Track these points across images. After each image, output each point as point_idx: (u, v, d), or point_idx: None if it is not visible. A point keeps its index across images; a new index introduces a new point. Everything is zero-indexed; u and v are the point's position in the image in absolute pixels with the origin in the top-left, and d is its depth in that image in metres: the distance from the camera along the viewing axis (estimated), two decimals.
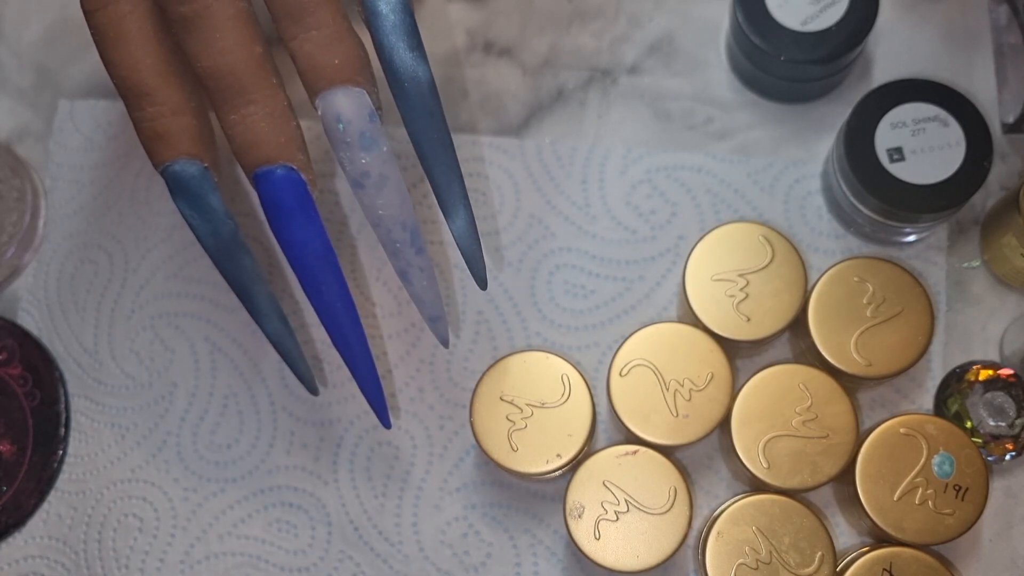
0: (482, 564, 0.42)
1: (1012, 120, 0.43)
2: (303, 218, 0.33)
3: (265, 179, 0.33)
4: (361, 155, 0.33)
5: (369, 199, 0.34)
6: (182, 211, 0.34)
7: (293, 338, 0.37)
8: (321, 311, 0.35)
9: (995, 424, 0.40)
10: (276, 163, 0.33)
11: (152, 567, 0.43)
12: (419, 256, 0.35)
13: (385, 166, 0.33)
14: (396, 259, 0.35)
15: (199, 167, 0.34)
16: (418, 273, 0.35)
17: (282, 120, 0.33)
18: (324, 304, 0.34)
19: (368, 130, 0.33)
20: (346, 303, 0.35)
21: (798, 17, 0.41)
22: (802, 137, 0.45)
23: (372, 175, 0.33)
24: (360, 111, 0.33)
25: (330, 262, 0.34)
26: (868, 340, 0.39)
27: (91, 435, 0.45)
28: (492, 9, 0.47)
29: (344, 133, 0.33)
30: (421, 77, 0.33)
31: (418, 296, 0.36)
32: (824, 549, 0.38)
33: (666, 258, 0.44)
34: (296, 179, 0.33)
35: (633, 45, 0.46)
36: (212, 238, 0.34)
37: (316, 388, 0.39)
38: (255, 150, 0.33)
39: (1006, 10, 0.44)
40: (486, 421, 0.39)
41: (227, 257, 0.35)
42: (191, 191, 0.34)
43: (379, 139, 0.33)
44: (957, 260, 0.43)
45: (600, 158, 0.45)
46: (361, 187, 0.33)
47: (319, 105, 0.33)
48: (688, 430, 0.39)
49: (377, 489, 0.43)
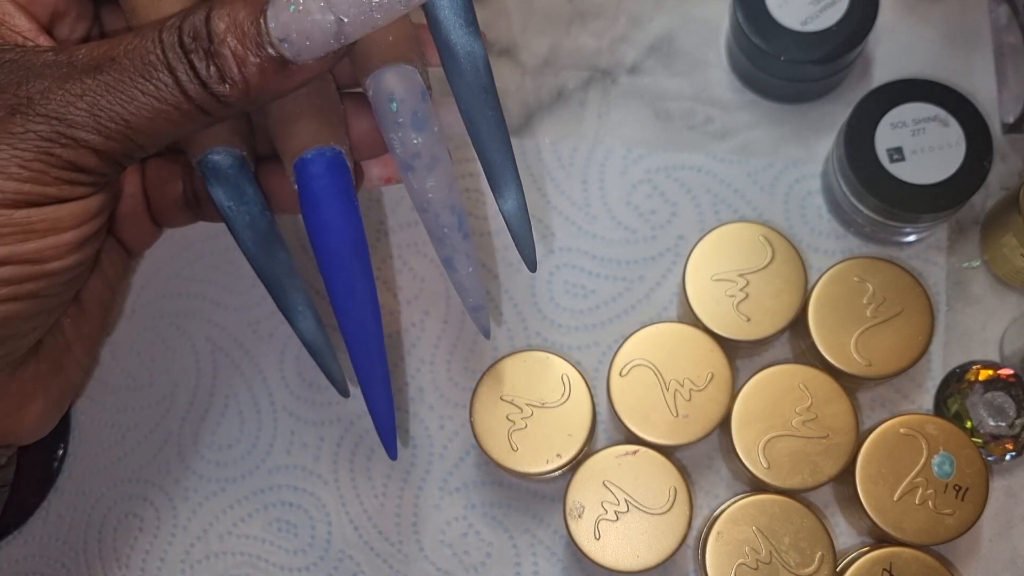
0: (482, 564, 0.42)
1: (1012, 120, 0.43)
2: (347, 204, 0.32)
3: (314, 162, 0.32)
4: (413, 135, 0.32)
5: (419, 182, 0.32)
6: (219, 202, 0.34)
7: (326, 338, 0.36)
8: (345, 314, 0.33)
9: (995, 424, 0.40)
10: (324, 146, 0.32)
11: (152, 567, 0.43)
12: (465, 241, 0.34)
13: (436, 147, 0.32)
14: (442, 246, 0.34)
15: (238, 154, 0.34)
16: (464, 259, 0.34)
17: (331, 103, 0.33)
18: (351, 306, 0.33)
19: (421, 109, 0.32)
20: (373, 309, 0.34)
21: (798, 17, 0.41)
22: (802, 137, 0.45)
23: (423, 156, 0.32)
24: (413, 90, 0.32)
25: (365, 257, 0.33)
26: (868, 340, 0.39)
27: (91, 435, 0.45)
28: (492, 9, 0.47)
29: (397, 113, 0.32)
30: (477, 53, 0.32)
31: (462, 284, 0.35)
32: (824, 549, 0.38)
33: (666, 258, 0.44)
34: (344, 162, 0.33)
35: (633, 45, 0.46)
36: (249, 230, 0.34)
37: (347, 390, 0.38)
38: (301, 135, 0.32)
39: (1006, 10, 0.44)
40: (486, 421, 0.39)
41: (264, 250, 0.34)
42: (230, 180, 0.33)
43: (431, 119, 0.32)
44: (957, 260, 0.43)
45: (600, 158, 0.45)
46: (411, 169, 0.32)
47: (370, 85, 0.32)
48: (688, 430, 0.39)
49: (377, 489, 0.43)
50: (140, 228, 0.36)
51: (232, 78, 0.28)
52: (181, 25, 0.28)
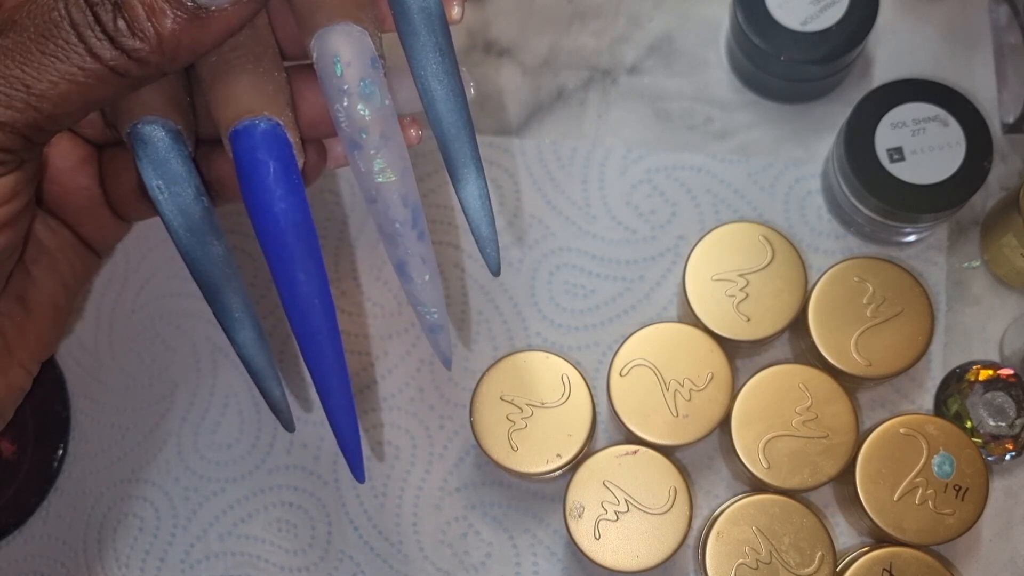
0: (482, 564, 0.42)
1: (1012, 120, 0.43)
2: (286, 183, 0.28)
3: (244, 135, 0.28)
4: (360, 106, 0.28)
5: (366, 162, 0.28)
6: (147, 181, 0.29)
7: (269, 354, 0.31)
8: (292, 307, 0.29)
9: (995, 424, 0.40)
10: (259, 115, 0.28)
11: (152, 567, 0.43)
12: (420, 242, 0.29)
13: (386, 124, 0.28)
14: (393, 246, 0.29)
15: (171, 127, 0.29)
16: (419, 265, 0.29)
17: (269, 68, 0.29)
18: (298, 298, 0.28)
19: (370, 76, 0.28)
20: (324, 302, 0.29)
21: (798, 17, 0.41)
22: (802, 137, 0.45)
23: (371, 132, 0.28)
24: (362, 53, 0.28)
25: (311, 243, 0.28)
26: (868, 340, 0.39)
27: (91, 435, 0.45)
28: (492, 9, 0.47)
29: (341, 79, 0.28)
30: (432, 9, 0.28)
31: (417, 296, 0.30)
32: (824, 549, 0.38)
33: (666, 258, 0.44)
34: (281, 136, 0.28)
35: (633, 45, 0.46)
36: (180, 216, 0.29)
37: (292, 423, 0.33)
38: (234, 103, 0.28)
39: (1006, 10, 0.44)
40: (486, 421, 0.39)
41: (196, 241, 0.30)
42: (159, 155, 0.29)
43: (381, 89, 0.28)
44: (957, 260, 0.43)
45: (600, 158, 0.45)
46: (358, 147, 0.28)
47: (314, 46, 0.28)
48: (688, 430, 0.39)
49: (377, 489, 0.43)
50: (100, 223, 0.33)
51: (143, 31, 0.25)
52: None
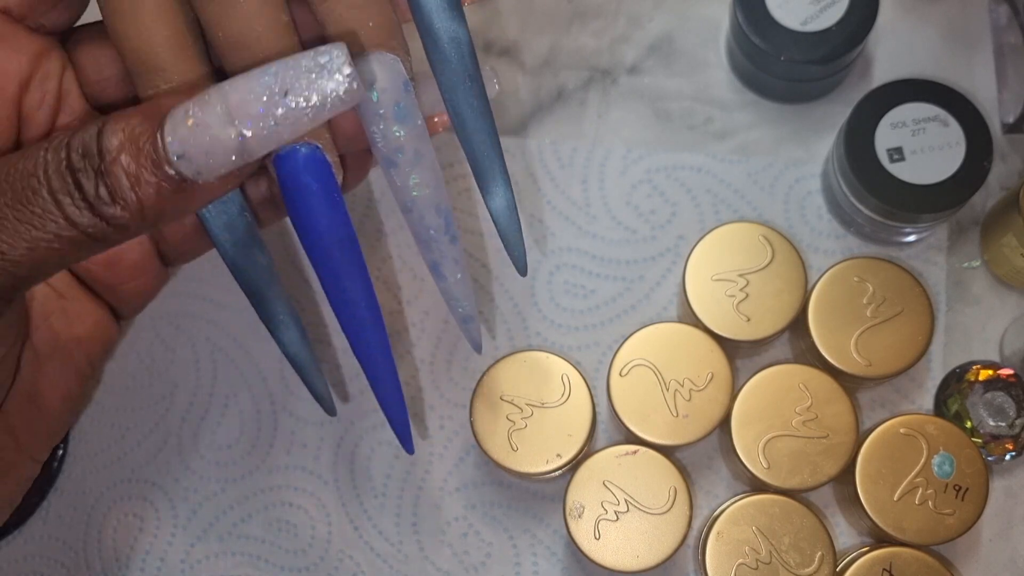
0: (482, 564, 0.42)
1: (1012, 120, 0.43)
2: (327, 203, 0.30)
3: (287, 159, 0.30)
4: (395, 128, 0.30)
5: (402, 178, 0.31)
6: None
7: (311, 350, 0.35)
8: (342, 311, 0.31)
9: (995, 424, 0.40)
10: (299, 142, 0.30)
11: (152, 567, 0.43)
12: (453, 245, 0.32)
13: (420, 141, 0.30)
14: (428, 250, 0.32)
15: None
16: (452, 265, 0.32)
17: None
18: (346, 303, 0.31)
19: (403, 100, 0.30)
20: (370, 303, 0.32)
21: (798, 17, 0.41)
22: (802, 137, 0.45)
23: (406, 151, 0.30)
24: (395, 80, 0.30)
25: (356, 254, 0.31)
26: (868, 340, 0.39)
27: (91, 435, 0.45)
28: (492, 9, 0.47)
29: (377, 104, 0.30)
30: (462, 38, 0.30)
31: (451, 292, 0.33)
32: (824, 549, 0.38)
33: (666, 258, 0.44)
34: (321, 159, 0.30)
35: (633, 45, 0.46)
36: (226, 232, 0.32)
37: (334, 408, 0.37)
38: None
39: (1006, 10, 0.44)
40: (486, 421, 0.39)
41: (242, 254, 0.32)
42: None
43: (414, 111, 0.30)
44: (957, 260, 0.43)
45: (600, 158, 0.45)
46: (394, 165, 0.31)
47: None
48: (688, 430, 0.39)
49: (377, 489, 0.43)
50: (147, 275, 0.34)
51: (124, 199, 0.25)
52: (70, 142, 0.25)
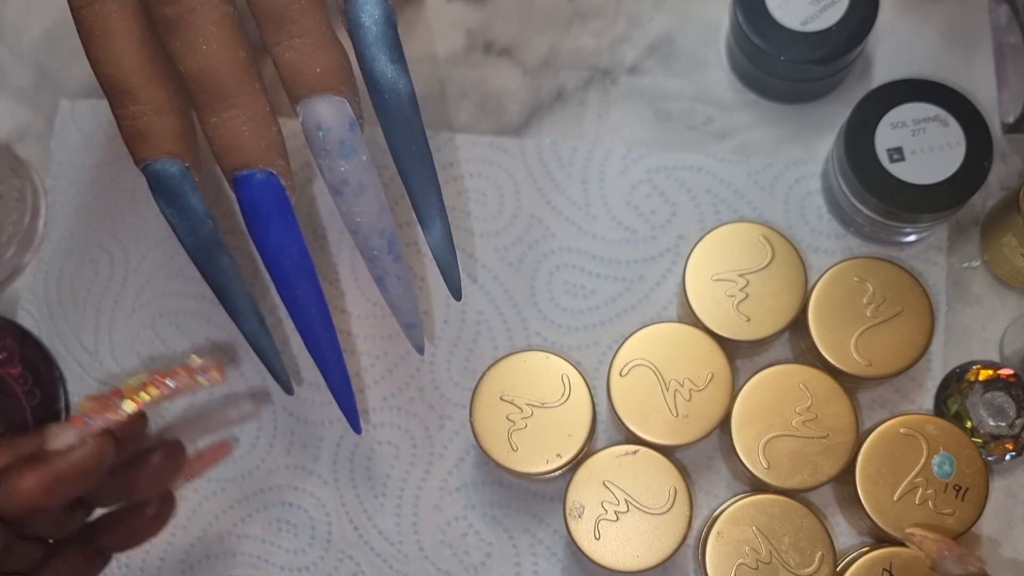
0: (482, 564, 0.42)
1: (1012, 120, 0.43)
2: (281, 223, 0.34)
3: (244, 183, 0.33)
4: (340, 163, 0.33)
5: (347, 206, 0.34)
6: (162, 209, 0.35)
7: (270, 338, 0.37)
8: (296, 316, 0.35)
9: (995, 424, 0.40)
10: (256, 167, 0.33)
11: (152, 567, 0.43)
12: (396, 263, 0.35)
13: (364, 174, 0.34)
14: (373, 266, 0.35)
15: (180, 166, 0.34)
16: (395, 280, 0.36)
17: (263, 125, 0.33)
18: (298, 309, 0.35)
19: (348, 138, 0.33)
20: (320, 308, 0.35)
21: (798, 17, 0.41)
22: (802, 137, 0.45)
23: (351, 183, 0.33)
24: (340, 119, 0.33)
25: (306, 268, 0.34)
26: (868, 340, 0.39)
27: None
28: (492, 9, 0.47)
29: (324, 141, 0.33)
30: (401, 89, 0.33)
31: (394, 303, 0.36)
32: (824, 549, 0.38)
33: (666, 258, 0.44)
34: (275, 184, 0.34)
35: (633, 45, 0.46)
36: (191, 237, 0.35)
37: (291, 388, 0.39)
38: (235, 154, 0.33)
39: (1006, 10, 0.44)
40: (486, 421, 0.39)
41: (205, 256, 0.35)
42: (171, 190, 0.34)
43: (358, 147, 0.33)
44: (957, 260, 0.43)
45: (600, 158, 0.45)
46: (340, 194, 0.34)
47: (300, 112, 0.33)
48: (688, 430, 0.39)
49: (377, 489, 0.43)
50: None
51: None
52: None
